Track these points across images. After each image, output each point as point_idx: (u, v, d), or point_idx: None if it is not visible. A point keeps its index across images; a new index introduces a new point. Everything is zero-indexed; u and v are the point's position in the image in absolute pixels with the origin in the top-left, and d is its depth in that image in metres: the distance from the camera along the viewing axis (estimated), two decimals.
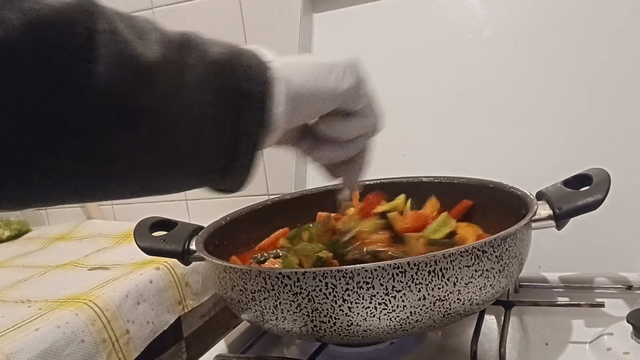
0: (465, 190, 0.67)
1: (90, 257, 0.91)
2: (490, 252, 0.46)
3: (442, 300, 0.45)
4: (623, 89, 0.72)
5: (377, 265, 0.43)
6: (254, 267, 0.53)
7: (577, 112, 0.74)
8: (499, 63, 0.79)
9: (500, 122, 0.78)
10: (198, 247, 0.58)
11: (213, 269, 0.53)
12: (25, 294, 0.74)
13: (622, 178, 0.60)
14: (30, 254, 0.99)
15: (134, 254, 0.81)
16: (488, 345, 0.55)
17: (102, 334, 0.67)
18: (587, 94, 0.73)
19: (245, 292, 0.48)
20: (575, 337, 0.55)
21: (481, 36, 0.80)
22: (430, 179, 0.70)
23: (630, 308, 0.56)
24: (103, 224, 1.12)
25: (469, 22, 0.81)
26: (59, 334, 0.62)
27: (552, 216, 0.53)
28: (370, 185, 0.72)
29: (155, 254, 0.61)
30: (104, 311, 0.68)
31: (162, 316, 0.77)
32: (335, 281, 0.44)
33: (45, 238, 1.10)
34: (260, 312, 0.48)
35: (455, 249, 0.45)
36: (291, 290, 0.45)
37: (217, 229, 0.63)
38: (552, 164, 0.73)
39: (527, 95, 0.77)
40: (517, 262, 0.51)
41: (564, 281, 0.66)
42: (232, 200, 1.08)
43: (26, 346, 0.59)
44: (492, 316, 0.61)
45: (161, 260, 0.80)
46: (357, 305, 0.44)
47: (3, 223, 1.16)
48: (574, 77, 0.74)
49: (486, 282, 0.47)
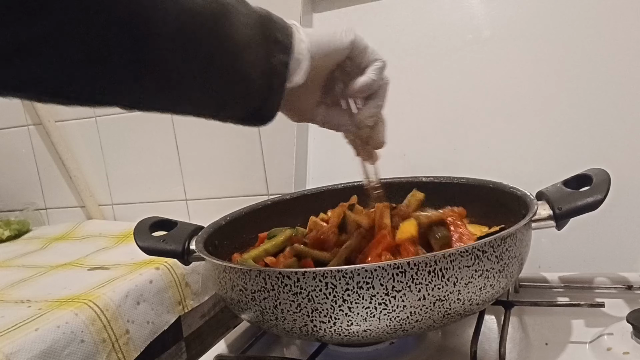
0: (465, 190, 0.67)
1: (90, 257, 0.91)
2: (490, 252, 0.46)
3: (442, 301, 0.45)
4: (623, 89, 0.72)
5: (377, 266, 0.43)
6: (254, 267, 0.53)
7: (577, 112, 0.74)
8: (499, 63, 0.79)
9: (500, 122, 0.78)
10: (198, 247, 0.58)
11: (213, 269, 0.53)
12: (25, 294, 0.74)
13: (622, 178, 0.60)
14: (30, 254, 0.99)
15: (134, 254, 0.81)
16: (488, 345, 0.55)
17: (102, 334, 0.67)
18: (587, 94, 0.73)
19: (245, 292, 0.48)
20: (575, 337, 0.55)
21: (481, 36, 0.80)
22: (430, 179, 0.70)
23: (630, 308, 0.56)
24: (103, 224, 1.12)
25: (469, 22, 0.81)
26: (58, 334, 0.62)
27: (552, 216, 0.53)
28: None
29: (155, 254, 0.61)
30: (103, 311, 0.68)
31: (162, 316, 0.77)
32: (335, 281, 0.44)
33: (45, 238, 1.10)
34: (260, 312, 0.48)
35: (455, 249, 0.45)
36: (291, 290, 0.45)
37: (217, 229, 0.63)
38: (552, 164, 0.73)
39: (527, 95, 0.77)
40: (517, 262, 0.51)
41: (564, 281, 0.66)
42: (232, 200, 1.09)
43: (26, 346, 0.59)
44: (492, 316, 0.61)
45: (161, 260, 0.80)
46: (357, 305, 0.44)
47: (3, 223, 1.17)
48: (574, 77, 0.74)
49: (486, 282, 0.47)
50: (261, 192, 1.05)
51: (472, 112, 0.80)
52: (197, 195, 1.12)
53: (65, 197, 1.25)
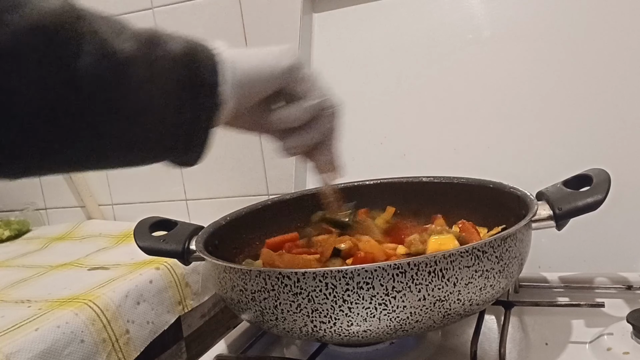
0: (465, 190, 0.67)
1: (90, 257, 0.91)
2: (490, 252, 0.46)
3: (442, 301, 0.45)
4: (623, 89, 0.72)
5: (377, 266, 0.43)
6: (254, 267, 0.53)
7: (577, 112, 0.74)
8: (499, 63, 0.79)
9: (500, 122, 0.78)
10: (198, 247, 0.58)
11: (213, 269, 0.53)
12: (25, 294, 0.74)
13: (622, 178, 0.60)
14: (30, 254, 0.99)
15: (134, 254, 0.81)
16: (488, 345, 0.55)
17: (102, 334, 0.66)
18: (587, 94, 0.73)
19: (245, 292, 0.48)
20: (575, 337, 0.55)
21: (481, 36, 0.80)
22: (430, 179, 0.70)
23: (630, 308, 0.56)
24: (103, 224, 1.12)
25: (469, 22, 0.81)
26: (58, 334, 0.62)
27: (552, 216, 0.53)
28: (370, 186, 0.72)
29: (155, 254, 0.61)
30: (104, 311, 0.68)
31: (162, 316, 0.77)
32: (335, 281, 0.44)
33: (45, 238, 1.10)
34: (260, 312, 0.48)
35: (455, 249, 0.45)
36: (291, 291, 0.45)
37: (217, 229, 0.63)
38: (552, 164, 0.73)
39: (527, 95, 0.77)
40: (517, 263, 0.51)
41: (564, 281, 0.66)
42: (232, 200, 1.09)
43: (26, 346, 0.59)
44: (492, 316, 0.61)
45: (161, 260, 0.80)
46: (357, 305, 0.44)
47: (3, 223, 1.16)
48: (574, 77, 0.74)
49: (486, 283, 0.47)
50: (261, 192, 1.05)
51: (472, 112, 0.80)
52: (197, 195, 1.12)
53: (65, 197, 1.25)
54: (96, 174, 1.21)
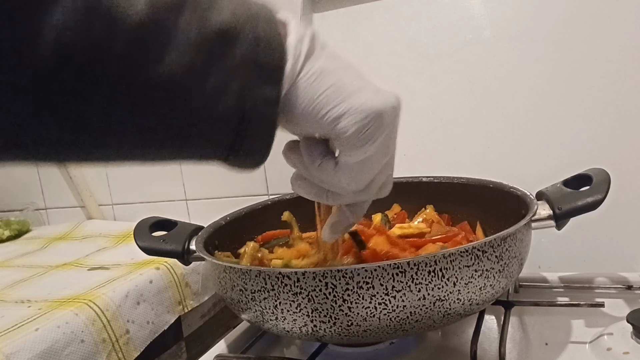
0: (465, 190, 0.67)
1: (90, 257, 0.91)
2: (490, 252, 0.46)
3: (442, 300, 0.45)
4: (623, 89, 0.72)
5: (377, 265, 0.43)
6: (254, 267, 0.53)
7: (577, 112, 0.74)
8: (499, 63, 0.79)
9: (500, 122, 0.78)
10: (198, 247, 0.58)
11: (213, 269, 0.53)
12: (25, 294, 0.74)
13: (622, 178, 0.60)
14: (30, 254, 0.99)
15: (134, 254, 0.81)
16: (488, 345, 0.55)
17: (102, 334, 0.66)
18: (587, 94, 0.73)
19: (245, 292, 0.48)
20: (575, 337, 0.55)
21: (481, 36, 0.80)
22: (430, 179, 0.70)
23: (630, 308, 0.56)
24: (103, 224, 1.12)
25: (469, 22, 0.81)
26: (58, 334, 0.62)
27: (552, 216, 0.53)
28: None
29: (155, 254, 0.61)
30: (104, 311, 0.68)
31: (162, 316, 0.77)
32: (335, 281, 0.44)
33: (45, 238, 1.10)
34: (260, 312, 0.48)
35: (455, 248, 0.45)
36: (291, 290, 0.45)
37: (217, 229, 0.63)
38: (552, 164, 0.73)
39: (527, 95, 0.77)
40: (517, 262, 0.51)
41: (564, 281, 0.66)
42: (232, 200, 1.09)
43: (26, 346, 0.59)
44: (492, 316, 0.61)
45: (161, 260, 0.80)
46: (357, 305, 0.44)
47: (3, 223, 1.16)
48: (574, 76, 0.74)
49: (486, 282, 0.47)
50: (261, 192, 1.05)
51: (472, 112, 0.80)
52: (197, 195, 1.12)
53: (65, 197, 1.25)
54: (96, 173, 1.21)
